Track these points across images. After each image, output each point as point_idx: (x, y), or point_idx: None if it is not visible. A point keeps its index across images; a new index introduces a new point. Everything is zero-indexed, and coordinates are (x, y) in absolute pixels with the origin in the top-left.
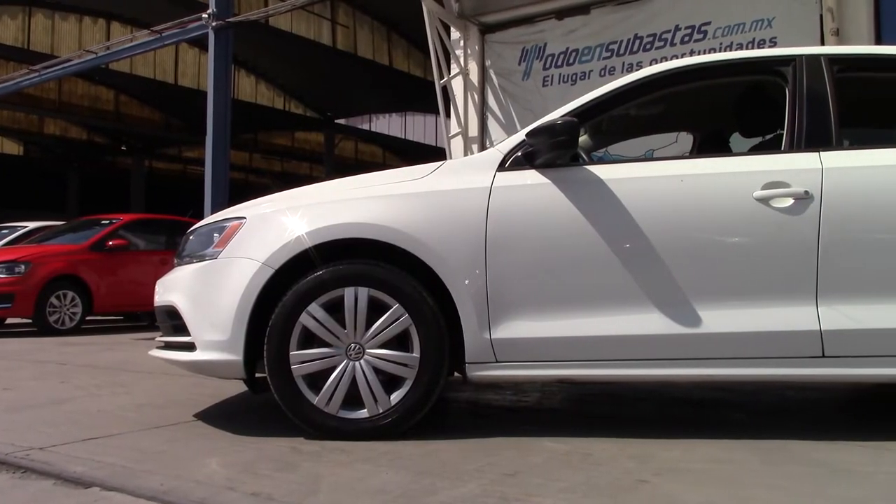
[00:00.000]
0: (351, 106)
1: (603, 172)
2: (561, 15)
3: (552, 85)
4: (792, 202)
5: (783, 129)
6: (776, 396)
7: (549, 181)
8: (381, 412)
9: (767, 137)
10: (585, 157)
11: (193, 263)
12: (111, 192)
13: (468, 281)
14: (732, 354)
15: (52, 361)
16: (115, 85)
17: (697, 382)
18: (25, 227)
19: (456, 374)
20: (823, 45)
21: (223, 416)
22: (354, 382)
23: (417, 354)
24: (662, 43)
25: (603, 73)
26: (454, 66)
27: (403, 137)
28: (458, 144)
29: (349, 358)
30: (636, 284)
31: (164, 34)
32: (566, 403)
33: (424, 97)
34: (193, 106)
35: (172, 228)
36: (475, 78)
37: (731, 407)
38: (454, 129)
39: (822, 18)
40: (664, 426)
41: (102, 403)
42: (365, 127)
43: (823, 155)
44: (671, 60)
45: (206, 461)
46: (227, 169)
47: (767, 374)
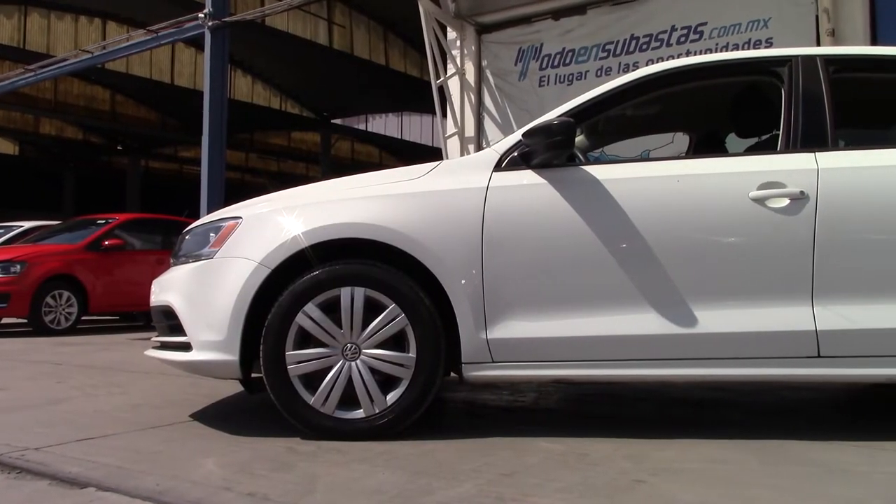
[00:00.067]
0: (347, 106)
1: (599, 173)
2: (557, 15)
3: (548, 85)
4: (788, 202)
5: (779, 129)
6: (773, 396)
7: (545, 181)
8: (377, 412)
9: (763, 138)
10: (582, 157)
11: (189, 263)
12: (107, 191)
13: (465, 281)
14: (728, 354)
15: (47, 361)
16: (111, 85)
17: (695, 382)
18: (21, 226)
19: (452, 374)
20: (819, 45)
21: (219, 416)
22: (351, 383)
23: (414, 354)
24: (659, 43)
25: (599, 73)
26: (451, 66)
27: (400, 137)
28: (454, 144)
29: (345, 358)
30: (632, 284)
31: (160, 34)
32: (563, 403)
33: (421, 97)
34: (189, 106)
35: (168, 228)
36: (472, 78)
37: (728, 407)
38: (451, 129)
39: (817, 19)
40: (660, 426)
41: (98, 404)
42: (361, 127)
43: (819, 155)
44: (667, 61)
45: (202, 461)
46: (223, 169)
47: (763, 374)
